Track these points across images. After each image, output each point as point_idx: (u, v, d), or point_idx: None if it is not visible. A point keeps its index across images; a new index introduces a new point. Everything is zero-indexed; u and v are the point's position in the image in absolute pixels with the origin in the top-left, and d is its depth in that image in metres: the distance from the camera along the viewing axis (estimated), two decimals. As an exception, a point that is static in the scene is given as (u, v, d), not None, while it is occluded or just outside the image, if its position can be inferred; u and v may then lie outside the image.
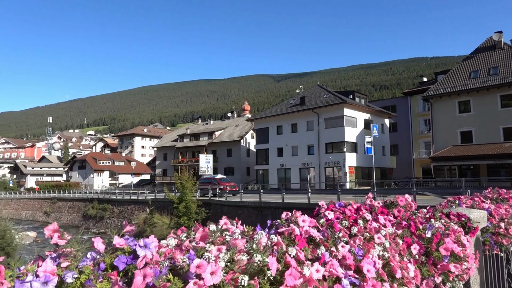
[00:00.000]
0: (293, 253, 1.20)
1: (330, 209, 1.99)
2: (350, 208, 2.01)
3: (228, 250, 1.10)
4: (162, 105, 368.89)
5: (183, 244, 1.17)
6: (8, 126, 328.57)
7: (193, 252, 1.09)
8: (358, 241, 1.65)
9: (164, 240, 1.24)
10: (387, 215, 2.07)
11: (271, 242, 1.22)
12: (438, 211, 2.67)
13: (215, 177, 33.10)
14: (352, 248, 1.56)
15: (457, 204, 3.45)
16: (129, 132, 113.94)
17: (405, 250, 1.79)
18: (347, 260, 1.42)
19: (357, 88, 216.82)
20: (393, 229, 1.82)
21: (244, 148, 54.44)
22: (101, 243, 1.17)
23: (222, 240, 1.21)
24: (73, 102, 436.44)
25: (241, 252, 1.14)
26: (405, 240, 1.87)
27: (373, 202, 2.30)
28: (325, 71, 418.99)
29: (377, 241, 1.67)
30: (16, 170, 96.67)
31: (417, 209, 2.58)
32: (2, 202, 65.38)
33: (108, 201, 43.41)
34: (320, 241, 1.53)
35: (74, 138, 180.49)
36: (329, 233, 1.60)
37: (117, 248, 1.14)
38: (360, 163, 37.38)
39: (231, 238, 1.24)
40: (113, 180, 79.07)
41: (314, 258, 1.39)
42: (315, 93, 44.15)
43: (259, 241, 1.19)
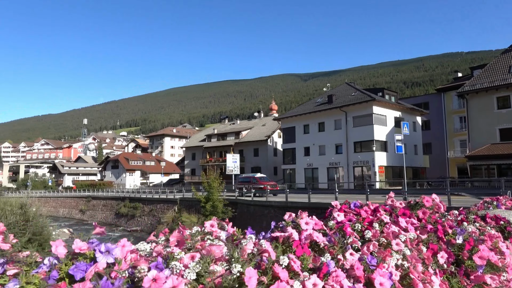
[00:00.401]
0: (284, 263, 0.99)
1: (342, 210, 1.76)
2: (366, 209, 1.77)
3: (202, 259, 0.91)
4: (191, 106, 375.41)
5: (154, 250, 0.99)
6: (48, 128, 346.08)
7: (162, 260, 0.92)
8: (372, 248, 1.41)
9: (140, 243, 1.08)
10: (410, 217, 1.81)
11: (258, 249, 1.02)
12: (472, 213, 2.36)
13: (255, 176, 32.12)
14: (364, 256, 1.33)
15: (495, 205, 3.08)
16: (159, 133, 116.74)
17: (430, 258, 1.53)
18: (356, 270, 1.20)
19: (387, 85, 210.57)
20: (416, 234, 1.57)
21: (271, 147, 54.21)
22: (62, 246, 1.01)
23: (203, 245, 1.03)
24: (107, 104, 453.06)
25: (221, 260, 0.95)
26: (431, 247, 1.61)
27: (395, 202, 2.04)
28: (353, 69, 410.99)
29: (395, 248, 1.43)
30: (54, 169, 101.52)
31: (448, 210, 2.29)
32: (42, 200, 68.74)
33: (139, 200, 44.57)
34: (325, 248, 1.31)
35: (108, 139, 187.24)
36: (338, 238, 1.38)
37: (79, 253, 0.99)
38: (390, 162, 36.16)
39: (215, 243, 1.06)
40: (144, 180, 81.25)
41: (316, 268, 1.17)
42: (342, 91, 43.22)
43: (243, 247, 0.99)
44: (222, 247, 0.95)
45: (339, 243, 1.33)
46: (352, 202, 1.92)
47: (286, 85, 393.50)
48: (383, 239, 1.48)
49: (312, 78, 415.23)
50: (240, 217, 26.32)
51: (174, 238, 1.02)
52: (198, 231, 1.11)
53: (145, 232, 36.49)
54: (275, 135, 54.66)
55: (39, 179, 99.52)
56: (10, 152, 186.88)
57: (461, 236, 1.81)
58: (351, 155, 37.56)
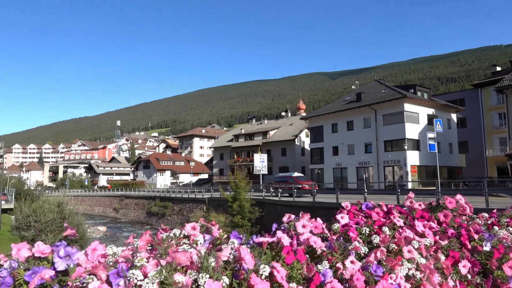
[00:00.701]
0: (265, 272, 0.86)
1: (351, 212, 1.60)
2: (378, 211, 1.60)
3: (166, 267, 0.80)
4: (219, 106, 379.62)
5: (120, 255, 0.89)
6: (84, 130, 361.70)
7: (124, 268, 0.81)
8: (380, 255, 1.25)
9: (109, 247, 0.99)
10: (429, 220, 1.62)
11: (235, 256, 0.90)
12: (506, 216, 2.12)
13: (292, 175, 31.01)
14: (368, 264, 1.17)
15: (535, 207, 2.77)
16: (188, 133, 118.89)
17: (449, 268, 1.34)
18: (356, 281, 1.05)
19: (420, 82, 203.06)
20: (434, 240, 1.38)
21: (299, 147, 53.72)
22: (26, 249, 0.94)
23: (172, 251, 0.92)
24: (139, 106, 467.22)
25: (192, 269, 0.84)
26: (451, 255, 1.42)
27: (414, 203, 1.85)
28: (384, 66, 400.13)
29: (407, 255, 1.26)
30: (90, 169, 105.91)
31: (476, 213, 2.06)
32: (79, 198, 71.95)
33: (169, 199, 45.55)
34: (324, 254, 1.17)
35: (140, 140, 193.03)
36: (338, 243, 1.23)
37: (40, 257, 0.91)
38: (423, 161, 34.77)
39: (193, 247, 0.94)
40: (174, 179, 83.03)
41: (309, 279, 1.04)
42: (372, 88, 42.08)
43: (218, 254, 0.87)
44: (190, 254, 0.83)
45: (339, 249, 1.18)
46: (364, 203, 1.75)
47: (314, 83, 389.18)
48: (394, 245, 1.31)
49: (340, 76, 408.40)
50: (267, 217, 26.22)
51: (144, 242, 0.91)
52: (174, 235, 1.00)
53: (175, 231, 37.17)
54: (303, 135, 54.11)
55: (76, 178, 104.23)
56: (50, 153, 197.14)
57: (489, 243, 1.59)
58: (382, 154, 36.47)
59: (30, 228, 23.11)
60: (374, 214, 1.58)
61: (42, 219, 23.47)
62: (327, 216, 10.66)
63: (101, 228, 41.61)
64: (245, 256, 0.84)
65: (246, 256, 0.84)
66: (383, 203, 1.71)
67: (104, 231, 40.78)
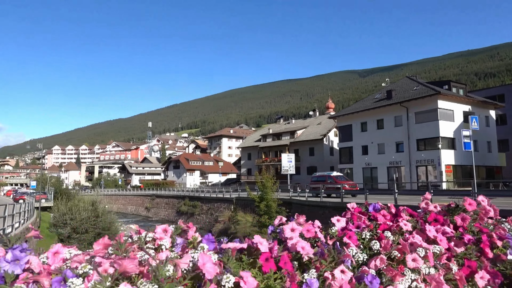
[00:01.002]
0: (228, 283, 0.79)
1: (354, 214, 1.46)
2: (385, 213, 1.45)
3: (106, 277, 0.78)
4: (248, 106, 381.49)
5: (72, 260, 0.83)
6: (118, 131, 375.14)
7: (70, 274, 0.80)
8: (380, 264, 1.11)
9: (69, 251, 0.92)
10: (443, 224, 1.45)
11: (195, 264, 0.79)
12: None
13: (330, 174, 29.29)
14: (364, 274, 1.03)
15: None
16: (216, 134, 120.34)
17: (463, 279, 1.17)
18: (344, 294, 0.92)
19: (456, 78, 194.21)
20: (441, 247, 1.22)
21: (327, 146, 52.89)
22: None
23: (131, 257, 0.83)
24: (170, 108, 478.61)
25: (148, 278, 0.80)
26: (466, 264, 1.25)
27: (429, 205, 1.67)
28: (416, 62, 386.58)
29: (411, 264, 1.10)
30: (123, 169, 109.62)
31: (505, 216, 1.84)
32: (113, 197, 74.67)
33: (197, 199, 46.24)
34: (311, 262, 1.04)
35: (170, 141, 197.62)
36: (330, 249, 1.10)
37: (-7, 260, 0.84)
38: (459, 161, 33.16)
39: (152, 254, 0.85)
40: (203, 179, 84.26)
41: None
42: (403, 85, 40.67)
43: (177, 262, 0.80)
44: (137, 261, 0.73)
45: (330, 256, 1.05)
46: (372, 204, 1.60)
47: (344, 82, 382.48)
48: (397, 253, 1.16)
49: (371, 74, 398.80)
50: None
51: (100, 246, 0.83)
52: (140, 238, 0.91)
53: (204, 230, 37.67)
54: (331, 134, 53.24)
55: (111, 178, 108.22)
56: (86, 154, 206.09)
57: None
58: (414, 153, 35.15)
59: (66, 226, 24.17)
60: (380, 217, 1.43)
61: (77, 217, 24.48)
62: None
63: (133, 226, 42.82)
64: (205, 264, 0.73)
65: (207, 264, 0.73)
66: (392, 205, 1.55)
67: (136, 230, 41.95)
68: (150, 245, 0.91)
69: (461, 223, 1.47)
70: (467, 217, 1.46)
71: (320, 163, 52.39)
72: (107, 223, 26.78)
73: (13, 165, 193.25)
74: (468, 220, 1.47)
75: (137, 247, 0.88)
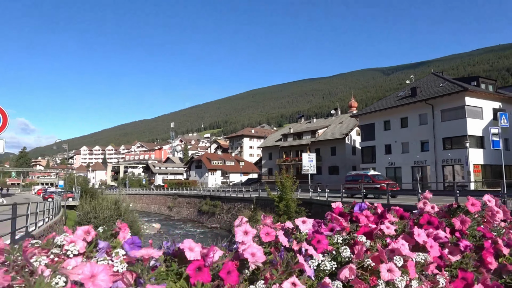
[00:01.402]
0: None
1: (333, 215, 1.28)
2: (369, 214, 1.26)
3: None
4: (269, 106, 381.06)
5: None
6: (143, 132, 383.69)
7: None
8: (349, 274, 0.93)
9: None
10: (438, 227, 1.24)
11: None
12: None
13: (367, 173, 26.94)
14: (324, 287, 0.86)
15: None
16: (238, 134, 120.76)
17: (453, 294, 0.97)
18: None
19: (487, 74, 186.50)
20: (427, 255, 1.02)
21: (349, 146, 51.94)
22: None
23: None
24: (192, 109, 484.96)
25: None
26: (461, 276, 1.04)
27: (426, 205, 1.47)
28: (443, 59, 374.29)
29: (385, 276, 0.92)
30: (147, 169, 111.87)
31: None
32: (136, 197, 76.31)
33: (218, 198, 46.47)
34: (260, 272, 0.87)
35: (193, 141, 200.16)
36: (288, 257, 0.92)
37: None
38: (489, 160, 31.72)
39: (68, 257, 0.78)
40: (224, 179, 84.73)
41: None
42: (428, 82, 39.33)
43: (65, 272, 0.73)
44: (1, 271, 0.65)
45: (283, 264, 0.88)
46: (358, 204, 1.41)
47: (367, 80, 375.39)
48: (370, 261, 0.97)
49: (395, 71, 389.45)
50: (314, 218, 25.51)
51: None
52: (48, 241, 0.78)
53: (224, 229, 37.79)
54: (353, 133, 52.24)
55: (135, 178, 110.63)
56: (112, 154, 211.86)
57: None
58: (440, 152, 33.90)
59: (90, 224, 24.79)
60: (363, 218, 1.24)
61: (100, 215, 25.09)
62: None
63: (156, 225, 43.55)
64: (95, 276, 0.64)
65: (100, 275, 0.63)
66: (379, 205, 1.36)
67: (158, 228, 42.63)
68: (56, 250, 0.76)
69: (459, 227, 1.25)
70: (467, 220, 1.24)
71: (342, 162, 51.53)
72: (129, 221, 27.28)
73: (44, 165, 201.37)
74: (469, 223, 1.25)
75: (41, 252, 0.74)
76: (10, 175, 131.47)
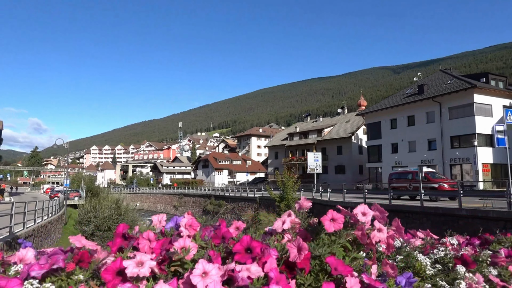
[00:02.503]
0: None
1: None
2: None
3: None
4: (278, 106, 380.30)
5: None
6: (152, 132, 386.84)
7: None
8: None
9: None
10: (257, 260, 0.81)
11: None
12: (499, 243, 1.18)
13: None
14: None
15: None
16: (245, 133, 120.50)
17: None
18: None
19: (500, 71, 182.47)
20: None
21: (356, 145, 51.17)
22: None
23: None
24: (202, 108, 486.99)
25: None
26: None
27: (285, 223, 1.02)
28: (455, 56, 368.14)
29: None
30: (155, 169, 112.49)
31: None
32: (144, 196, 76.76)
33: (223, 198, 46.31)
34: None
35: (201, 140, 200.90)
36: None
37: None
38: (498, 159, 30.74)
39: None
40: (231, 178, 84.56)
41: None
42: (436, 79, 38.39)
43: None
44: None
45: None
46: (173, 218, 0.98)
47: (377, 79, 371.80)
48: None
49: (406, 69, 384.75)
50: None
51: None
52: None
53: (227, 229, 37.47)
54: (360, 132, 51.45)
55: (144, 177, 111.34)
56: (122, 153, 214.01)
57: None
58: (447, 151, 33.02)
59: (90, 223, 24.74)
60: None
61: (100, 215, 24.99)
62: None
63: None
64: None
65: None
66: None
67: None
68: None
69: (295, 257, 0.80)
70: (304, 246, 0.80)
71: (349, 162, 50.82)
72: (129, 221, 27.13)
73: (55, 164, 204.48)
74: (305, 252, 0.80)
75: None
76: (22, 174, 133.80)
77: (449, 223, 15.06)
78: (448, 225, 14.92)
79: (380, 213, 1.08)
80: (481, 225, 13.52)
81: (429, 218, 16.13)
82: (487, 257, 1.10)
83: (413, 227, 11.37)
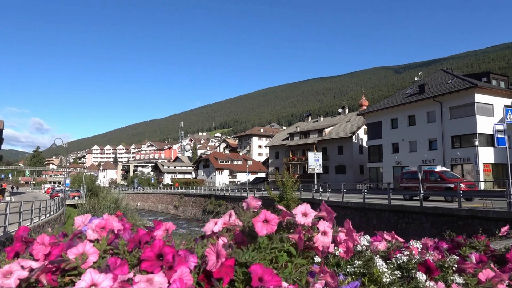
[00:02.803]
0: None
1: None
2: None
3: None
4: (280, 106, 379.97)
5: None
6: (154, 131, 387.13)
7: None
8: None
9: None
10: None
11: None
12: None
13: (434, 169, 21.50)
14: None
15: None
16: (246, 133, 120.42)
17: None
18: None
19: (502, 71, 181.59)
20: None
21: (356, 144, 51.00)
22: None
23: None
24: (203, 108, 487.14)
25: None
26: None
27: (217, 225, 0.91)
28: (457, 56, 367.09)
29: None
30: (156, 168, 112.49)
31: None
32: (144, 196, 76.72)
33: (223, 198, 46.22)
34: None
35: (202, 140, 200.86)
36: None
37: None
38: (500, 159, 30.54)
39: None
40: (232, 178, 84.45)
41: None
42: (437, 79, 38.20)
43: None
44: None
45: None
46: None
47: (379, 79, 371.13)
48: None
49: (407, 69, 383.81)
50: (315, 218, 24.97)
51: None
52: None
53: (227, 229, 37.40)
54: (361, 131, 51.27)
55: (145, 177, 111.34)
56: (123, 153, 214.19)
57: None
58: (448, 151, 32.83)
59: (89, 223, 24.67)
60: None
61: (99, 214, 24.98)
62: (379, 218, 8.79)
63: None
64: None
65: None
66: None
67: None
68: None
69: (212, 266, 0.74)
70: (221, 253, 0.71)
71: (349, 161, 50.66)
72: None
73: (57, 164, 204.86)
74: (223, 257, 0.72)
75: None
76: (24, 173, 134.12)
77: (449, 224, 14.95)
78: (447, 225, 14.80)
79: (328, 213, 0.97)
80: (481, 225, 13.36)
81: (429, 219, 15.97)
82: (453, 263, 0.99)
83: (412, 227, 11.23)
